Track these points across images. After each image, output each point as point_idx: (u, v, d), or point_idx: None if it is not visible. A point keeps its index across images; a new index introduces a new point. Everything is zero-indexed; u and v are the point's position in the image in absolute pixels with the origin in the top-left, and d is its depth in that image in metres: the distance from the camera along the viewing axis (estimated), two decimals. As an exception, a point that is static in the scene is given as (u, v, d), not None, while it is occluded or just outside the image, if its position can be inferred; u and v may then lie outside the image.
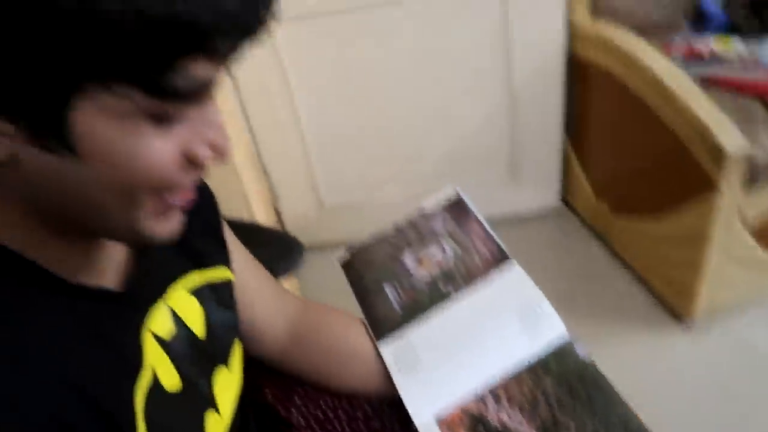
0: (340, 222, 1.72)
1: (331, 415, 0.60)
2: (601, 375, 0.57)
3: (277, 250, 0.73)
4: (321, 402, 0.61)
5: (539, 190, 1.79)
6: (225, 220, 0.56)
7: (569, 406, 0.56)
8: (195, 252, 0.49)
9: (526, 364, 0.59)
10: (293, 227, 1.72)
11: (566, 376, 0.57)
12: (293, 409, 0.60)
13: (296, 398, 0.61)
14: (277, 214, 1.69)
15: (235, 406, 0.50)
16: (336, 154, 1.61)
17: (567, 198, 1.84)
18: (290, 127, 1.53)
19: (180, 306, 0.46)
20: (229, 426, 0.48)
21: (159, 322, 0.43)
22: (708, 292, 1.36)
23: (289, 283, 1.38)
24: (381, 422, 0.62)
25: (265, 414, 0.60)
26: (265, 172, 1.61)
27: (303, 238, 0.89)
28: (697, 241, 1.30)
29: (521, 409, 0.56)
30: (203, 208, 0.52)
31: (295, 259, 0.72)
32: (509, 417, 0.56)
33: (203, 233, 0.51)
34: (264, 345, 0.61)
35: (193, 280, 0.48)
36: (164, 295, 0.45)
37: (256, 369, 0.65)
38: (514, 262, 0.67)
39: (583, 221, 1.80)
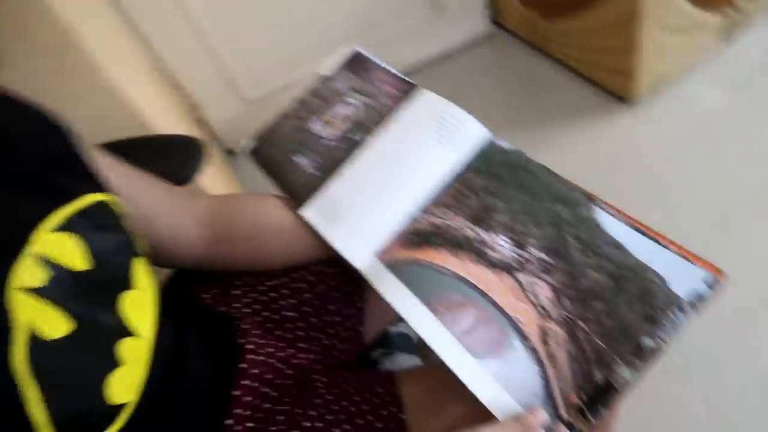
0: (269, 113, 1.63)
1: (273, 294, 0.60)
2: (528, 158, 0.57)
3: (177, 157, 0.68)
4: (260, 286, 0.60)
5: (467, 18, 1.70)
6: (108, 144, 0.50)
7: (496, 190, 0.56)
8: (52, 189, 0.44)
9: (454, 175, 0.58)
10: (223, 132, 1.64)
11: (494, 169, 0.57)
12: (234, 303, 0.59)
13: (234, 291, 0.60)
14: (205, 123, 1.61)
15: (156, 324, 0.48)
16: (243, 43, 1.49)
17: (497, 20, 1.77)
18: (188, 32, 1.40)
19: (48, 248, 0.41)
20: (153, 345, 0.46)
21: (26, 275, 0.39)
22: (648, 68, 1.34)
23: (230, 187, 1.35)
24: (325, 284, 0.62)
25: (206, 318, 0.59)
26: (182, 88, 1.51)
27: (237, 139, 0.82)
28: (629, 22, 1.25)
29: (448, 207, 0.56)
30: (52, 144, 0.47)
31: (197, 161, 0.68)
32: (438, 217, 0.56)
33: (58, 168, 0.46)
34: (183, 252, 0.58)
35: (58, 216, 0.44)
36: (25, 247, 0.40)
37: (188, 278, 0.64)
38: (421, 88, 0.64)
39: (517, 37, 1.73)
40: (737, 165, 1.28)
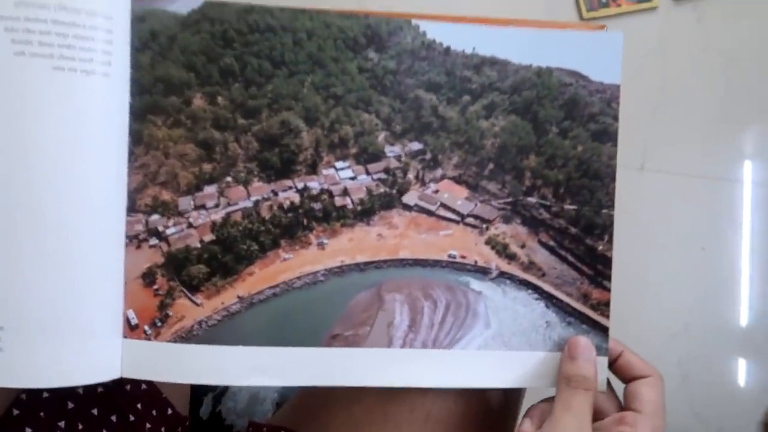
0: None
1: None
2: (250, 6, 0.30)
3: None
4: None
5: None
6: None
7: (249, 98, 0.30)
8: None
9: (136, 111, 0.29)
10: None
11: (202, 63, 0.30)
12: None
13: None
14: None
15: None
16: None
17: None
18: None
19: None
20: None
21: None
22: None
23: None
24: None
25: None
26: None
27: None
28: None
29: (202, 179, 0.30)
30: None
31: None
32: (199, 208, 0.30)
33: None
34: None
35: None
36: None
37: None
38: None
39: None
40: None
